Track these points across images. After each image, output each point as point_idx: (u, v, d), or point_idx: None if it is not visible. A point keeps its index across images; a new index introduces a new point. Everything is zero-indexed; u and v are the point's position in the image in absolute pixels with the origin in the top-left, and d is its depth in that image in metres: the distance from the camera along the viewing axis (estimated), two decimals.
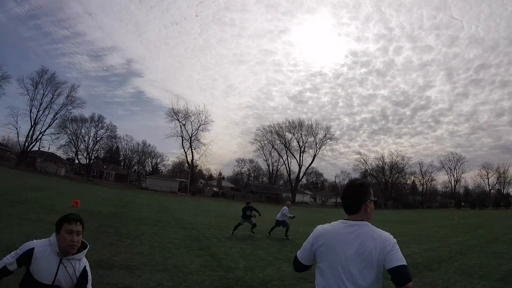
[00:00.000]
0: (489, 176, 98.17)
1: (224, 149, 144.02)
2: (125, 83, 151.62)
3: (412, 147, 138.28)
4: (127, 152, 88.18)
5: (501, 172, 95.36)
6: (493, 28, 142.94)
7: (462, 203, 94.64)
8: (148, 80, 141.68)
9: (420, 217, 40.24)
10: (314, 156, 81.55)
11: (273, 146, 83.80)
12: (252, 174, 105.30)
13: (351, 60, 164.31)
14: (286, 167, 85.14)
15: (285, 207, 14.61)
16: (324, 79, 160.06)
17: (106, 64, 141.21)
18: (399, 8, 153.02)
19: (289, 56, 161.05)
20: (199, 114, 73.85)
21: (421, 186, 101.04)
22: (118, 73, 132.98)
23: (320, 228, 2.02)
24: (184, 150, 73.65)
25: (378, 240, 1.82)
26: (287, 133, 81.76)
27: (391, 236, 1.86)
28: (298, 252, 2.09)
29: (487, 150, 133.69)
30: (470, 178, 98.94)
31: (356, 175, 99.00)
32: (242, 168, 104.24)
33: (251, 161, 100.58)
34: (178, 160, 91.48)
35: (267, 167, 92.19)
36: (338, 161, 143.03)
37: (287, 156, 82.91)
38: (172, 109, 73.57)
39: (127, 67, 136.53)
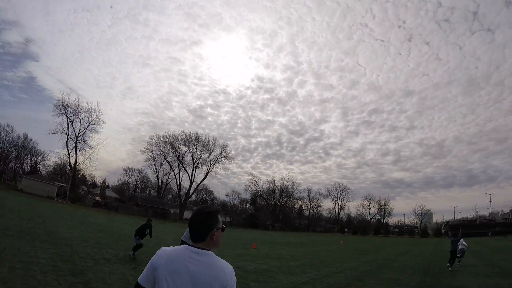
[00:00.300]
0: (370, 207, 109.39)
1: (112, 155, 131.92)
2: (17, 65, 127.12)
3: (302, 174, 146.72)
4: (5, 144, 72.68)
5: (382, 204, 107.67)
6: (392, 80, 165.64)
7: (346, 229, 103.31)
8: (43, 66, 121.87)
9: (308, 240, 41.15)
10: (207, 172, 79.33)
11: (165, 158, 78.64)
12: (139, 185, 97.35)
13: (256, 84, 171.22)
14: (176, 181, 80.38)
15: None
16: (227, 98, 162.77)
17: (2, 40, 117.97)
18: (311, 46, 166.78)
19: (197, 68, 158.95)
20: (90, 112, 64.74)
21: (308, 211, 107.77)
22: (13, 53, 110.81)
23: (162, 251, 1.89)
24: (68, 150, 63.53)
25: (219, 271, 1.79)
26: (182, 146, 77.74)
27: (232, 268, 1.86)
28: (140, 276, 1.86)
29: (370, 184, 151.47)
30: (353, 207, 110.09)
31: (247, 196, 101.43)
32: (129, 177, 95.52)
33: (139, 171, 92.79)
34: (60, 161, 78.68)
35: (157, 179, 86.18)
36: (230, 180, 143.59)
37: (179, 170, 78.55)
38: (62, 101, 62.81)
39: (24, 47, 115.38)
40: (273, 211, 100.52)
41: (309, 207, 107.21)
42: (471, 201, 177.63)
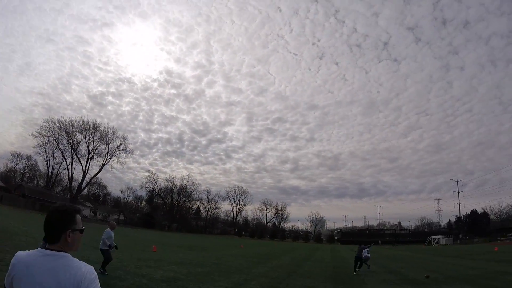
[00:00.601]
0: (267, 211, 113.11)
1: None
2: None
3: (201, 175, 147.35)
4: None
5: (279, 209, 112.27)
6: (299, 92, 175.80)
7: (243, 232, 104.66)
8: None
9: (208, 243, 40.02)
10: (103, 165, 71.95)
11: (58, 145, 68.66)
12: (27, 173, 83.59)
13: (164, 78, 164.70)
14: (68, 172, 71.02)
15: (108, 229, 10.47)
16: (131, 88, 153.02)
17: None
18: (226, 47, 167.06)
19: (104, 52, 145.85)
20: None
21: (206, 212, 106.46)
22: None
23: (17, 255, 1.76)
24: None
25: (74, 273, 1.66)
26: (78, 134, 68.90)
27: (92, 270, 1.72)
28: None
29: (267, 189, 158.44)
30: (251, 210, 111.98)
31: (143, 193, 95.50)
32: (17, 164, 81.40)
33: (28, 158, 79.57)
34: None
35: (46, 168, 74.90)
36: (125, 175, 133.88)
37: (72, 160, 69.51)
38: None
39: None
40: (169, 211, 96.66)
41: (207, 209, 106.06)
42: (361, 211, 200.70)
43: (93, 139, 69.87)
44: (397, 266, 21.08)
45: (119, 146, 72.90)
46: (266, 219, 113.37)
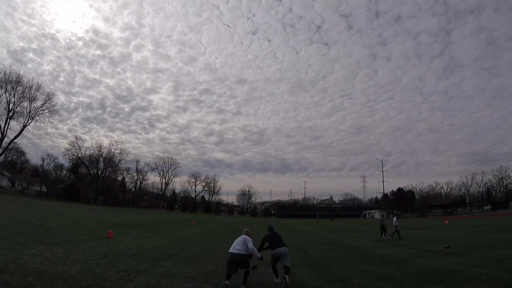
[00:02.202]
0: (196, 184, 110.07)
1: None
2: None
3: (122, 144, 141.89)
4: None
5: (208, 182, 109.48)
6: (229, 65, 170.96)
7: (176, 206, 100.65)
8: None
9: (153, 220, 35.07)
10: (24, 126, 61.80)
11: None
12: None
13: (90, 37, 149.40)
14: None
15: None
16: (54, 45, 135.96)
17: None
18: (159, 11, 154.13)
19: (29, 3, 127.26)
20: None
21: (134, 184, 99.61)
22: None
23: None
24: None
25: None
26: None
27: None
28: None
29: (191, 161, 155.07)
30: (179, 182, 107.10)
31: (65, 161, 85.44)
32: None
33: None
34: None
35: None
36: (42, 141, 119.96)
37: None
38: None
39: None
40: (94, 181, 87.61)
41: (135, 180, 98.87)
42: (284, 186, 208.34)
43: (14, 94, 58.30)
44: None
45: (43, 104, 62.52)
46: (195, 192, 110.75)
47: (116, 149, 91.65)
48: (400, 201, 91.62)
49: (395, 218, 23.71)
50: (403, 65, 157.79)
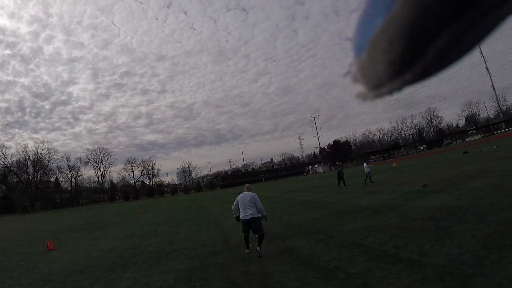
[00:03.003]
0: (133, 170, 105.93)
1: None
2: None
3: (49, 144, 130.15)
4: None
5: (144, 166, 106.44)
6: (147, 43, 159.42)
7: (117, 196, 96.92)
8: None
9: (98, 219, 31.45)
10: None
11: None
12: None
13: None
14: None
15: None
16: None
17: None
18: None
19: None
20: None
21: (70, 182, 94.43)
22: None
23: None
24: None
25: None
26: None
27: None
28: None
29: (123, 148, 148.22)
30: (115, 172, 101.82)
31: None
32: None
33: None
34: None
35: None
36: None
37: None
38: None
39: None
40: (27, 188, 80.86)
41: (69, 177, 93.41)
42: (221, 156, 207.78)
43: None
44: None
45: None
46: (134, 178, 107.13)
47: (42, 149, 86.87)
48: (338, 152, 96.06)
49: (365, 163, 21.63)
50: (322, 23, 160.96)
